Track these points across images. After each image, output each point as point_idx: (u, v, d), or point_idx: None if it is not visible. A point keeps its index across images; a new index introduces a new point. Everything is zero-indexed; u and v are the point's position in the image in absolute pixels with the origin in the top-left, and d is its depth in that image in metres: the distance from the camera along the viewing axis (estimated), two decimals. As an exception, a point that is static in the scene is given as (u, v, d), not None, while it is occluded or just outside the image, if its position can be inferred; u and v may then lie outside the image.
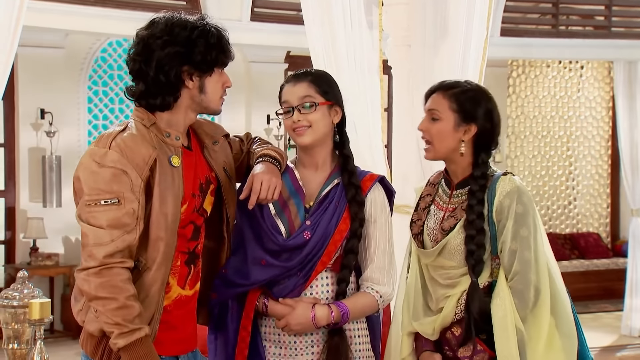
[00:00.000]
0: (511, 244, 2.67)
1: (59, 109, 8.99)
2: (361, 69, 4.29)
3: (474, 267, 2.70)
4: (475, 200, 2.72)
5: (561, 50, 9.65)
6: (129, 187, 2.48)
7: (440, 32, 4.17)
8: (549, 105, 12.00)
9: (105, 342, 2.53)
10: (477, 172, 2.77)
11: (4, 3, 3.99)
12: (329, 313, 2.75)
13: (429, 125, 2.80)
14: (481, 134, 2.77)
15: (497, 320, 2.66)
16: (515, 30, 9.39)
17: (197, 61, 2.58)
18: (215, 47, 2.60)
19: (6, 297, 3.35)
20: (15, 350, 3.34)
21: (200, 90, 2.62)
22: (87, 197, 2.48)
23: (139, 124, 2.59)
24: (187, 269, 2.68)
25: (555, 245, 11.57)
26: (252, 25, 8.35)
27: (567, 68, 12.04)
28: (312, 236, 2.76)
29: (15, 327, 3.33)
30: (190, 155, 2.69)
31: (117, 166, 2.48)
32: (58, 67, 9.01)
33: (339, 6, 4.24)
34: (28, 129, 9.00)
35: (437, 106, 2.78)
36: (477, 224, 2.70)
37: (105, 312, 2.43)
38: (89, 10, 7.95)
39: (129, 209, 2.47)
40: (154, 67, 2.56)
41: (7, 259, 9.12)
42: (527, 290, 2.65)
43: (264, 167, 2.74)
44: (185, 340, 2.72)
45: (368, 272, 2.85)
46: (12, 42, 4.01)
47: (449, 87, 2.80)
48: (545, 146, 12.02)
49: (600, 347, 8.63)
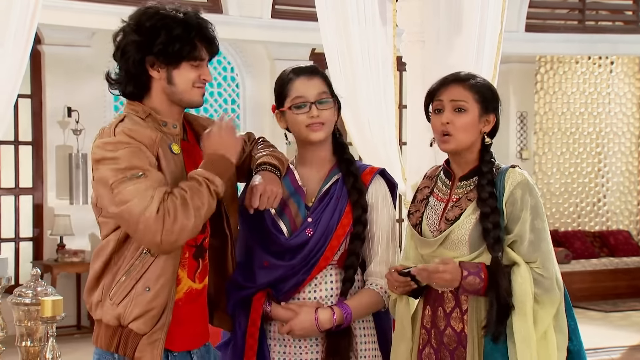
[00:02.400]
0: (530, 235, 2.65)
1: (85, 107, 9.06)
2: (375, 65, 4.28)
3: (494, 245, 2.64)
4: (486, 180, 2.69)
5: (589, 45, 9.56)
6: (147, 162, 2.45)
7: (454, 27, 4.15)
8: (577, 101, 11.86)
9: (120, 332, 2.53)
10: (487, 155, 2.75)
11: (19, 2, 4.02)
12: (331, 316, 2.73)
13: (453, 117, 2.73)
14: (494, 126, 2.78)
15: (518, 296, 2.61)
16: (541, 26, 9.31)
17: (157, 52, 2.54)
18: (178, 39, 2.54)
19: (19, 295, 3.33)
20: (29, 348, 3.33)
21: (168, 81, 2.58)
22: (112, 180, 2.42)
23: (134, 116, 2.58)
24: (195, 263, 2.67)
25: (585, 242, 11.46)
26: (272, 23, 8.33)
27: (596, 64, 11.91)
28: (314, 232, 2.74)
29: (29, 324, 3.31)
30: (189, 146, 2.68)
31: (131, 142, 2.45)
32: (85, 66, 9.07)
33: (353, 2, 4.23)
34: (55, 127, 9.09)
35: (461, 96, 2.73)
36: (490, 202, 2.66)
37: (200, 200, 2.44)
38: (115, 8, 7.99)
39: (155, 176, 2.44)
40: (119, 54, 2.59)
41: (34, 255, 9.22)
42: (549, 278, 2.64)
43: (263, 177, 2.71)
44: (197, 335, 2.72)
45: (372, 266, 2.83)
46: (27, 39, 4.04)
47: (467, 78, 2.77)
48: (574, 143, 11.89)
49: (629, 346, 8.52)
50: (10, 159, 9.18)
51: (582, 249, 11.32)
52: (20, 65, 4.08)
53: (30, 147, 9.21)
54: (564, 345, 2.70)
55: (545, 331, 2.65)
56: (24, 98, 9.11)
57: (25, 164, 9.24)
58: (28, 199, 9.27)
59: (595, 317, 9.83)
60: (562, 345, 2.69)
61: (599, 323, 9.44)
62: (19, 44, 4.04)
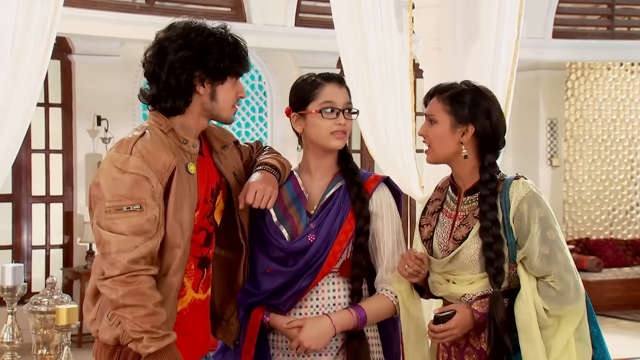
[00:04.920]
0: (541, 248, 2.61)
1: (114, 116, 9.16)
2: (392, 72, 4.27)
3: (495, 276, 2.62)
4: (488, 206, 2.64)
5: (619, 52, 9.45)
6: (150, 193, 2.46)
7: (471, 34, 4.13)
8: (609, 108, 11.72)
9: (119, 351, 2.52)
10: (484, 175, 2.69)
11: (38, 11, 4.07)
12: (349, 315, 2.70)
13: (428, 129, 2.77)
14: (483, 135, 2.70)
15: (521, 323, 2.59)
16: (569, 32, 9.23)
17: (209, 68, 2.56)
18: (229, 55, 2.58)
19: (35, 303, 3.35)
20: (45, 356, 3.34)
21: (212, 97, 2.60)
22: (108, 203, 2.45)
23: (157, 129, 2.58)
24: (200, 272, 2.67)
25: (617, 251, 11.31)
26: (296, 31, 8.35)
27: (628, 70, 11.75)
28: (316, 238, 2.73)
29: (45, 332, 3.34)
30: (203, 161, 2.68)
31: (139, 172, 2.46)
32: (114, 75, 9.18)
33: (369, 9, 4.23)
34: (85, 135, 9.20)
35: (432, 110, 2.75)
36: (493, 230, 2.62)
37: (134, 319, 2.41)
38: (143, 18, 8.11)
39: (151, 215, 2.45)
40: (166, 71, 2.54)
41: (64, 262, 9.31)
42: (567, 292, 2.60)
43: (260, 175, 2.72)
44: (199, 346, 2.71)
45: (380, 274, 2.82)
46: (46, 49, 4.08)
47: (443, 90, 2.76)
48: (606, 150, 11.74)
49: (659, 355, 8.41)
50: (41, 167, 9.30)
51: (614, 257, 11.18)
52: (39, 76, 4.11)
53: (61, 155, 9.32)
54: (587, 355, 2.65)
55: (568, 341, 2.61)
56: (55, 107, 9.24)
57: (55, 172, 9.35)
58: (58, 206, 9.38)
59: (627, 326, 9.70)
60: (585, 355, 2.64)
61: (631, 332, 9.33)
62: (38, 54, 4.07)
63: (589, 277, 10.27)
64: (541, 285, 2.62)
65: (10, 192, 9.06)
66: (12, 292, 3.43)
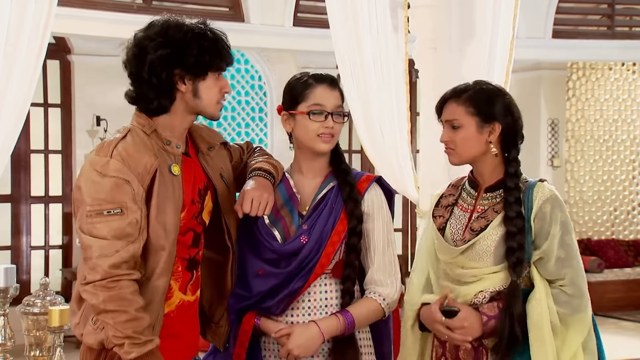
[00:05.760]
0: (558, 251, 2.62)
1: (114, 116, 9.12)
2: (387, 72, 4.26)
3: (515, 266, 2.62)
4: (513, 197, 2.65)
5: (620, 52, 9.42)
6: (131, 196, 2.44)
7: (466, 34, 4.12)
8: (611, 108, 11.69)
9: (104, 355, 2.50)
10: (510, 168, 2.71)
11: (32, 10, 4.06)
12: (336, 322, 2.67)
13: (452, 135, 2.74)
14: (506, 131, 2.72)
15: (533, 322, 2.58)
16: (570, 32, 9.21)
17: (189, 64, 2.52)
18: (208, 50, 2.54)
19: (28, 304, 3.34)
20: (38, 358, 3.33)
21: (194, 94, 2.57)
22: (89, 207, 2.42)
23: (140, 130, 2.55)
24: (189, 274, 2.65)
25: (618, 251, 11.28)
26: (294, 31, 8.34)
27: (630, 70, 11.72)
28: (309, 239, 2.70)
29: (37, 334, 3.33)
30: (189, 161, 2.65)
31: (120, 175, 2.43)
32: (113, 75, 9.05)
33: (365, 9, 4.22)
34: (84, 135, 9.19)
35: (454, 115, 2.73)
36: (517, 222, 2.63)
37: (115, 324, 2.40)
38: (143, 19, 8.06)
39: (132, 219, 2.43)
40: (147, 70, 2.51)
41: (64, 263, 9.31)
42: (578, 297, 2.61)
43: (254, 182, 2.69)
44: (188, 347, 2.70)
45: (369, 274, 2.79)
46: (40, 50, 4.07)
47: (460, 92, 2.75)
48: (607, 150, 11.71)
49: (660, 357, 8.39)
50: (40, 167, 9.29)
51: (616, 257, 11.16)
52: (32, 76, 4.11)
53: (60, 155, 9.32)
54: None
55: (575, 353, 2.61)
56: (54, 107, 9.23)
57: (55, 172, 9.35)
58: (58, 207, 9.38)
59: (629, 327, 9.68)
60: None
61: (632, 333, 9.31)
62: (32, 53, 4.07)
63: (591, 277, 10.23)
64: (553, 291, 2.62)
65: (9, 193, 9.07)
66: (4, 294, 3.42)
